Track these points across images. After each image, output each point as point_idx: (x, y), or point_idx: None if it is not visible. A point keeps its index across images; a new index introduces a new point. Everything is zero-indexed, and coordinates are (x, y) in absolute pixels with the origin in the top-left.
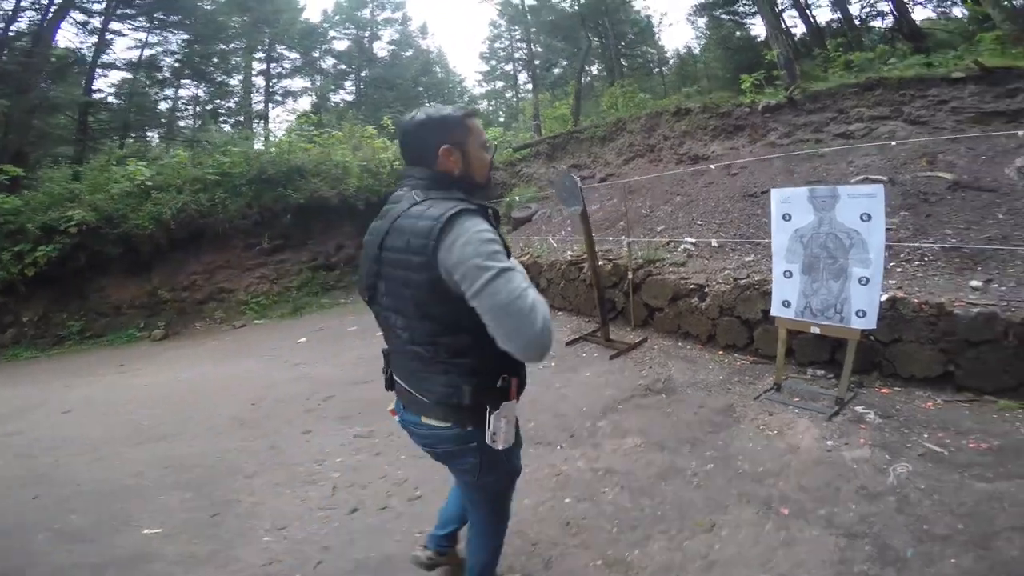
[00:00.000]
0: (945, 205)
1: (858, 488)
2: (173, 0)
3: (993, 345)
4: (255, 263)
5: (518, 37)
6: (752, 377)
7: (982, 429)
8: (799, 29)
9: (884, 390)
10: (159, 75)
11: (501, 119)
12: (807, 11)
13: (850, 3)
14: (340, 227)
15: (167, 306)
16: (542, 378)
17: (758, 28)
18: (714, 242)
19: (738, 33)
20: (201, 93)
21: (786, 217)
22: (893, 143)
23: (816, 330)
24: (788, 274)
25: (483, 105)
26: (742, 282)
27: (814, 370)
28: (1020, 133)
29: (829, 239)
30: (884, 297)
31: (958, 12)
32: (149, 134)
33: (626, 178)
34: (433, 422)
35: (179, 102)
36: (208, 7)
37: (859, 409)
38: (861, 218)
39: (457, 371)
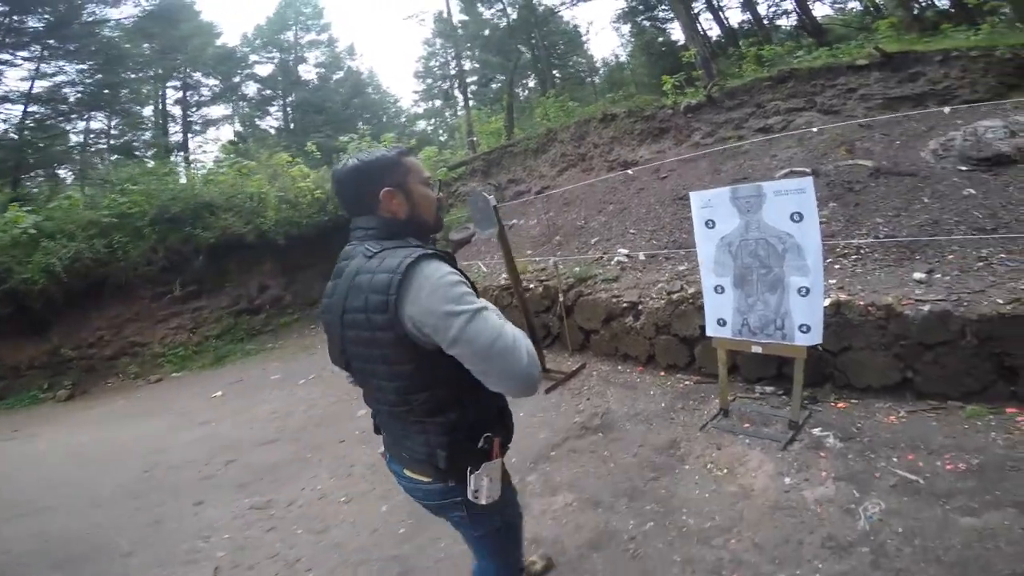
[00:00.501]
0: (870, 193)
1: (824, 539)
2: (67, 27)
3: (950, 346)
4: (168, 313)
5: (453, 54)
6: (697, 401)
7: (955, 445)
8: (714, 32)
9: (840, 404)
10: (62, 107)
11: (442, 137)
12: (720, 12)
13: (758, 3)
14: (260, 266)
15: (73, 364)
16: None
17: (678, 33)
18: (641, 255)
19: (660, 38)
20: (113, 126)
21: (709, 224)
22: (815, 129)
23: (757, 349)
24: (719, 289)
25: (422, 125)
26: (675, 296)
27: (763, 387)
28: (947, 110)
29: (759, 246)
30: (827, 302)
31: (853, 6)
32: (61, 172)
33: (560, 188)
34: (416, 476)
35: (89, 136)
36: (108, 34)
37: (816, 432)
38: (792, 218)
39: (434, 431)
